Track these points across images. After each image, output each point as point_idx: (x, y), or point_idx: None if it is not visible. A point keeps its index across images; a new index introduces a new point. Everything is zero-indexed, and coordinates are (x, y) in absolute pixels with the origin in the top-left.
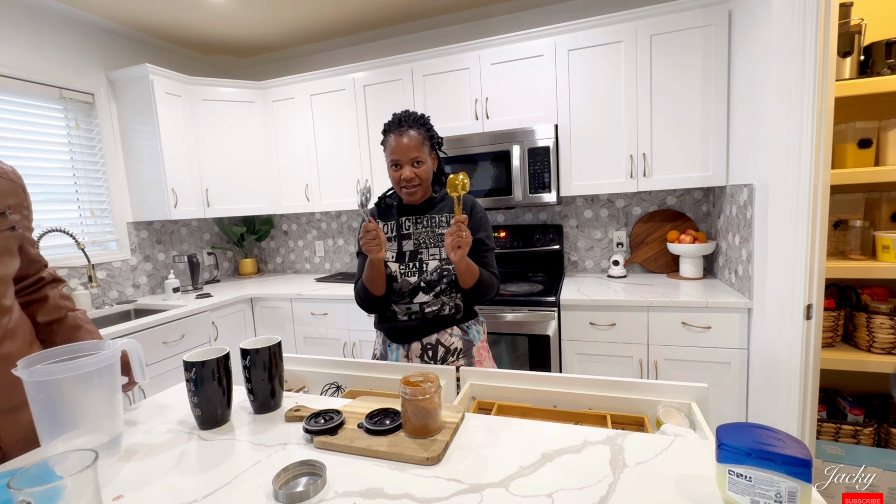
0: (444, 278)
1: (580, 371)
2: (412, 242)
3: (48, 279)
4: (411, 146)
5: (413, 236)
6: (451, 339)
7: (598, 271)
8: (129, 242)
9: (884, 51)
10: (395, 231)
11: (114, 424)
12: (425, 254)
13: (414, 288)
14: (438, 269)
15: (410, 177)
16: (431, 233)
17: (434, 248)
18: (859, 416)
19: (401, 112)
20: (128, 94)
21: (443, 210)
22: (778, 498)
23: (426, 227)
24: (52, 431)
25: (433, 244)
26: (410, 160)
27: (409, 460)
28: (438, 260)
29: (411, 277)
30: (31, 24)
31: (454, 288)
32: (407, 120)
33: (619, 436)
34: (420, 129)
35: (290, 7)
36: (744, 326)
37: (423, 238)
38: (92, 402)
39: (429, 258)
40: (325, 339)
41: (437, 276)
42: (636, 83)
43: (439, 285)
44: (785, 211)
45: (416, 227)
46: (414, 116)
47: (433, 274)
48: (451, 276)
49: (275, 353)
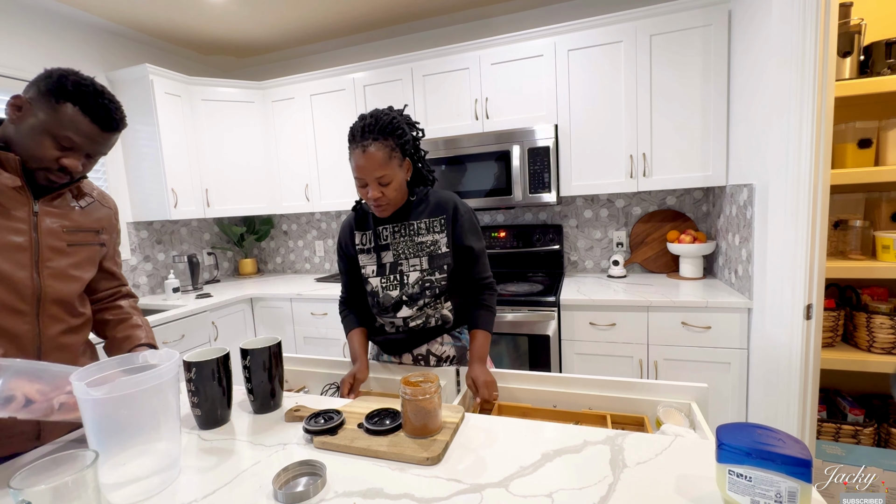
0: (427, 290)
1: (580, 371)
2: (391, 253)
3: (124, 293)
4: (374, 165)
5: (392, 247)
6: (443, 347)
7: (598, 271)
8: (128, 242)
9: (884, 51)
10: (373, 242)
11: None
12: (405, 265)
13: (396, 302)
14: (420, 282)
15: (377, 196)
16: (410, 242)
17: (414, 259)
18: (859, 416)
19: (366, 116)
20: (128, 94)
21: (421, 215)
22: (778, 498)
23: (405, 235)
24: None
25: (413, 254)
26: (375, 179)
27: (409, 460)
28: (419, 271)
29: (393, 291)
30: (30, 24)
31: (439, 298)
32: (371, 130)
33: (619, 436)
34: (387, 140)
35: (290, 7)
36: (744, 326)
37: (402, 248)
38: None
39: (409, 269)
40: (325, 339)
41: (418, 289)
42: (636, 83)
43: (422, 298)
44: (785, 211)
45: (394, 236)
46: (380, 124)
47: (414, 287)
48: (435, 287)
49: (275, 354)
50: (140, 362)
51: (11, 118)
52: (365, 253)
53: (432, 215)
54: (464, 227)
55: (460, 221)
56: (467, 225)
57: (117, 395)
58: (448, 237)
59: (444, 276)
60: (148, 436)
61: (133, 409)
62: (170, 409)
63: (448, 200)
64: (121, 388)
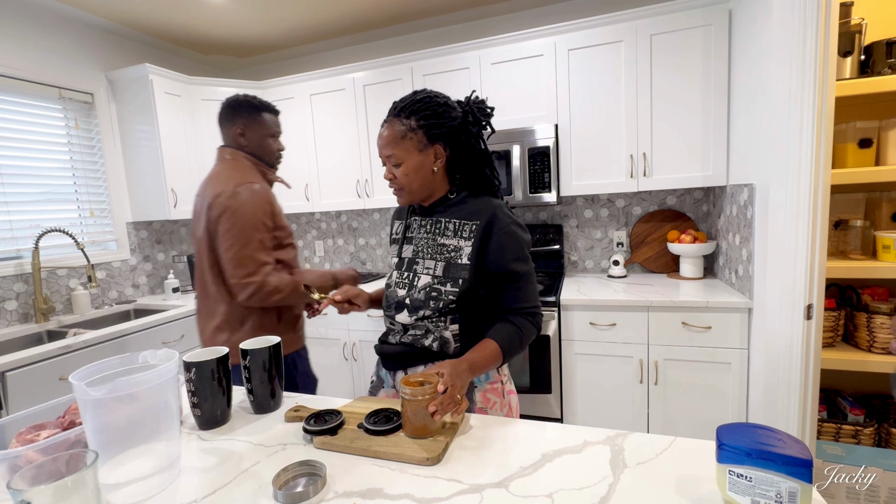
0: (432, 301)
1: (580, 371)
2: (412, 249)
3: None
4: (384, 142)
5: (415, 241)
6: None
7: (599, 271)
8: (128, 242)
9: (884, 50)
10: (402, 233)
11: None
12: (420, 265)
13: (399, 302)
14: (427, 289)
15: (389, 178)
16: (433, 241)
17: (430, 261)
18: (860, 416)
19: (408, 95)
20: (127, 94)
21: (454, 215)
22: (778, 498)
23: (429, 231)
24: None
25: (430, 255)
26: (385, 157)
27: (409, 460)
28: (431, 276)
29: (401, 290)
30: (30, 24)
31: (444, 316)
32: (399, 107)
33: (619, 436)
34: (409, 119)
35: (290, 7)
36: (744, 326)
37: (422, 245)
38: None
39: (422, 271)
40: (325, 340)
41: (423, 297)
42: (636, 83)
43: (424, 308)
44: (785, 211)
45: (420, 230)
46: (408, 101)
47: (420, 293)
48: (441, 300)
49: (274, 354)
50: (140, 362)
51: None
52: (395, 243)
53: (465, 218)
54: (501, 245)
55: (496, 237)
56: (506, 241)
57: (117, 395)
58: (473, 249)
59: (455, 291)
60: (148, 436)
61: (133, 409)
62: (170, 409)
63: (488, 208)
64: (121, 388)
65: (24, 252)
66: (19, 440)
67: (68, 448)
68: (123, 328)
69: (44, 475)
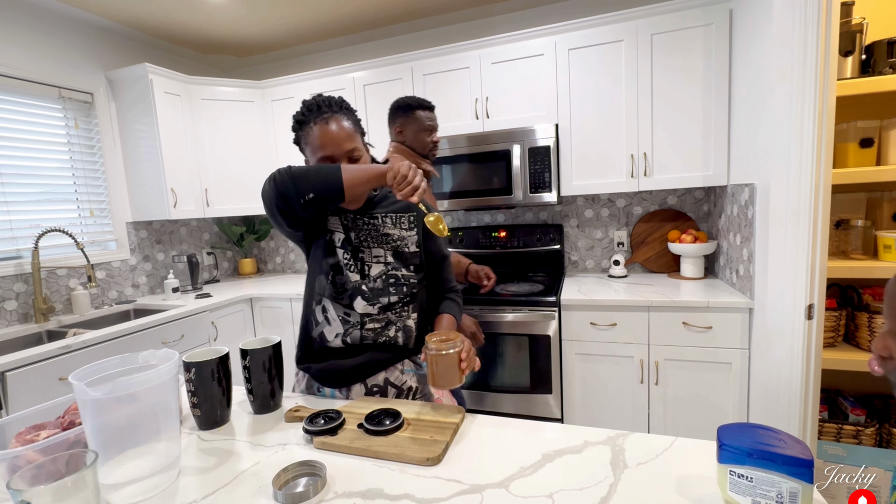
0: (392, 287)
1: (581, 371)
2: (353, 235)
3: None
4: (343, 136)
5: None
6: (403, 377)
7: (599, 271)
8: (128, 242)
9: (885, 50)
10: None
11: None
12: (367, 254)
13: (354, 289)
14: (384, 276)
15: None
16: (375, 231)
17: (378, 249)
18: (861, 416)
19: (313, 97)
20: (127, 94)
21: (387, 209)
22: (779, 498)
23: (367, 224)
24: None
25: (376, 244)
26: (345, 153)
27: (409, 461)
28: (383, 264)
29: (353, 275)
30: (30, 24)
31: (407, 304)
32: (330, 105)
33: (620, 436)
34: (350, 117)
35: (290, 6)
36: (745, 326)
37: (363, 235)
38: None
39: (371, 260)
40: None
41: (381, 284)
42: (637, 82)
43: (386, 296)
44: (786, 210)
45: (355, 222)
46: (337, 100)
47: (376, 280)
48: (403, 285)
49: (274, 354)
50: (140, 362)
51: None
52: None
53: (399, 211)
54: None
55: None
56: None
57: (117, 395)
58: (419, 237)
59: (414, 275)
60: (148, 436)
61: (133, 409)
62: (169, 409)
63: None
64: (121, 389)
65: (23, 252)
66: (19, 440)
67: (68, 448)
68: (123, 328)
69: (43, 475)
